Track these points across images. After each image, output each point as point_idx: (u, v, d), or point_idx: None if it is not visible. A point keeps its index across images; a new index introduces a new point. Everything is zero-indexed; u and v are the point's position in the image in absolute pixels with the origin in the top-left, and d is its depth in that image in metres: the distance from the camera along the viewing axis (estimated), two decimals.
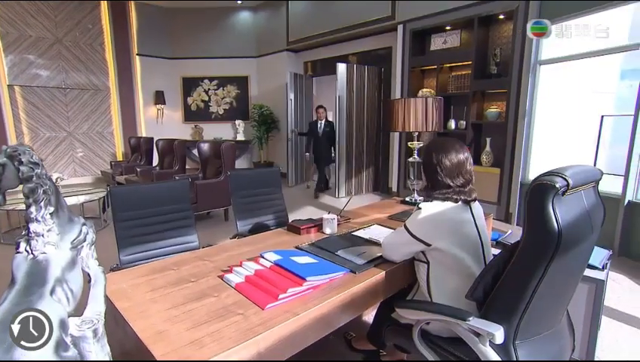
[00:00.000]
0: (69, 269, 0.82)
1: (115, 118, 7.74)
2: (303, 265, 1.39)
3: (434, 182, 1.41)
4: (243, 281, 1.30)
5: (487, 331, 1.12)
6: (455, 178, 1.38)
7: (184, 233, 2.07)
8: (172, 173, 4.89)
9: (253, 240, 1.83)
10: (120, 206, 1.90)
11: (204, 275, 1.38)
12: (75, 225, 0.90)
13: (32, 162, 0.81)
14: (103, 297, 0.91)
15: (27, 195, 0.79)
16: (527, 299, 1.09)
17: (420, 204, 1.41)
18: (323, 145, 6.09)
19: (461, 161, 1.39)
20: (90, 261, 0.93)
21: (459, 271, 1.35)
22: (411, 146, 2.54)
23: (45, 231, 0.79)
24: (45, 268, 0.78)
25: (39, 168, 0.82)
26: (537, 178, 1.06)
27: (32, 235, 0.78)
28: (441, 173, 1.38)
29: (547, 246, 1.03)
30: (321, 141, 6.07)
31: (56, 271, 0.79)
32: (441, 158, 1.38)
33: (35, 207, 0.79)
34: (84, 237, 0.91)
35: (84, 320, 0.80)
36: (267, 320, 1.07)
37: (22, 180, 0.80)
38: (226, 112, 8.37)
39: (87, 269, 0.92)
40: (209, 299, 1.20)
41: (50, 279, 0.77)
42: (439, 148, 1.41)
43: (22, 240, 0.79)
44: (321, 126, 6.04)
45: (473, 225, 1.39)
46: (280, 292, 1.18)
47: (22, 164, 0.80)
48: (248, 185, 2.51)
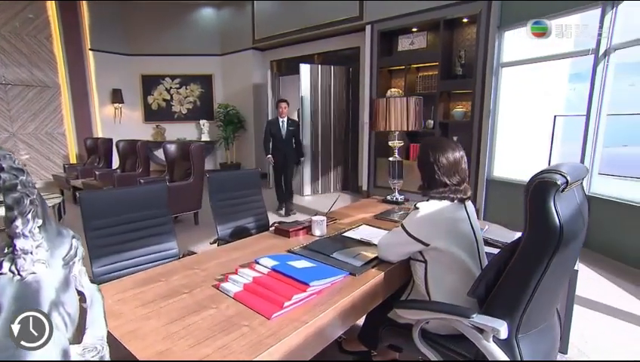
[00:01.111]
0: (64, 290, 0.72)
1: (67, 117, 7.17)
2: (302, 269, 1.34)
3: (431, 181, 1.41)
4: (241, 290, 1.23)
5: (492, 327, 1.14)
6: (452, 176, 1.39)
7: (163, 240, 1.94)
8: (136, 176, 4.61)
9: (242, 245, 1.75)
10: (91, 213, 1.74)
11: (196, 285, 1.30)
12: (64, 238, 0.80)
13: (14, 168, 0.70)
14: (103, 319, 0.81)
15: (11, 207, 0.68)
16: (530, 294, 1.12)
17: (417, 204, 1.41)
18: (287, 148, 4.97)
19: (457, 159, 1.40)
20: (83, 279, 0.82)
21: (457, 270, 1.37)
22: (392, 145, 2.56)
23: (34, 247, 0.69)
24: (37, 290, 0.68)
25: (24, 175, 0.71)
26: (537, 176, 1.09)
27: (18, 253, 0.68)
28: (439, 172, 1.39)
29: (550, 241, 1.06)
30: (284, 143, 4.93)
31: (49, 294, 0.69)
32: (438, 157, 1.39)
33: (22, 220, 0.68)
34: (75, 252, 0.81)
35: (86, 348, 0.71)
36: (276, 330, 1.02)
37: (3, 190, 0.69)
38: (189, 112, 8.05)
39: (80, 288, 0.81)
40: (208, 311, 1.12)
41: (44, 303, 0.67)
42: (436, 147, 1.42)
43: (5, 260, 0.68)
44: (284, 125, 4.89)
45: (468, 223, 1.41)
46: (285, 300, 1.13)
47: (2, 171, 0.69)
48: (228, 188, 2.41)
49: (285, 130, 4.91)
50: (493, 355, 1.18)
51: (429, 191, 1.41)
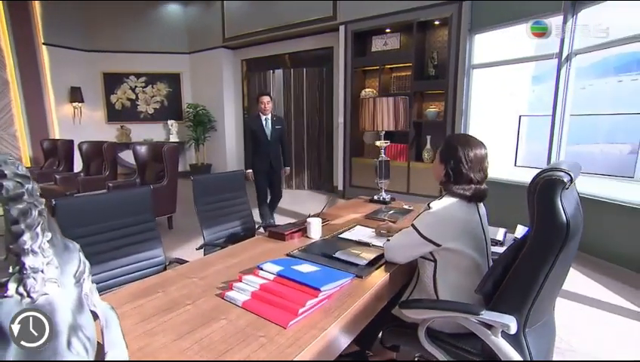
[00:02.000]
0: (79, 311, 0.64)
1: (18, 117, 6.61)
2: (309, 274, 1.30)
3: (457, 176, 1.40)
4: (249, 298, 1.18)
5: (502, 322, 1.16)
6: (477, 172, 1.39)
7: (149, 247, 1.83)
8: (103, 180, 4.34)
9: (236, 251, 1.68)
10: (69, 222, 1.60)
11: (198, 295, 1.22)
12: (72, 253, 0.71)
13: (19, 175, 0.62)
14: (122, 340, 0.73)
15: (16, 220, 0.59)
16: (538, 289, 1.15)
17: (430, 203, 1.41)
18: (273, 152, 3.92)
19: (483, 155, 1.41)
20: (94, 297, 0.74)
21: (467, 269, 1.38)
22: (379, 145, 2.57)
23: (44, 265, 0.61)
24: (51, 314, 0.60)
25: (29, 183, 0.63)
26: (542, 175, 1.12)
27: (27, 272, 0.59)
28: (466, 166, 1.38)
29: (558, 237, 1.09)
30: (270, 146, 3.89)
31: (66, 317, 0.61)
32: (467, 152, 1.38)
33: (30, 235, 0.60)
34: (84, 268, 0.73)
35: None
36: (295, 339, 0.98)
37: (6, 200, 0.60)
38: (156, 112, 7.71)
39: (93, 308, 0.73)
40: (218, 322, 1.06)
41: (62, 328, 0.59)
42: (464, 143, 1.41)
43: (10, 280, 0.60)
44: (268, 123, 3.88)
45: (480, 224, 1.43)
46: (299, 307, 1.09)
47: (4, 178, 0.60)
48: (213, 191, 2.32)
49: (270, 130, 3.89)
50: (502, 351, 1.20)
51: (453, 186, 1.41)
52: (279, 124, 4.00)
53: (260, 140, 3.87)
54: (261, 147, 3.87)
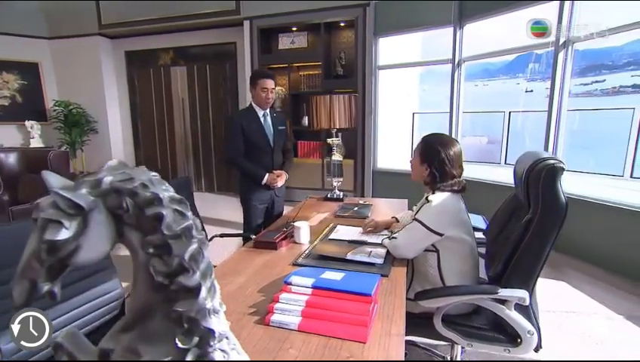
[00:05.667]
0: None
1: None
2: (344, 280, 1.23)
3: (443, 175, 1.50)
4: (301, 319, 1.05)
5: (518, 296, 1.32)
6: (458, 168, 1.51)
7: (102, 279, 1.46)
8: None
9: (231, 269, 1.47)
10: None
11: (240, 328, 1.03)
12: None
13: (175, 200, 0.41)
14: None
15: (186, 268, 0.39)
16: (542, 264, 1.34)
17: (428, 197, 1.48)
18: (277, 169, 2.56)
19: (459, 152, 1.53)
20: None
21: (466, 254, 1.51)
22: (331, 143, 2.57)
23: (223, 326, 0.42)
24: None
25: (188, 210, 0.42)
26: (540, 163, 1.30)
27: (213, 343, 0.40)
28: (449, 165, 1.49)
29: (560, 216, 1.28)
30: (274, 159, 2.57)
31: None
32: (448, 151, 1.49)
33: (206, 288, 0.40)
34: None
35: None
36: (381, 349, 0.92)
37: (168, 238, 0.39)
38: (5, 110, 6.09)
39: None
40: (287, 353, 0.91)
41: None
42: (443, 143, 1.51)
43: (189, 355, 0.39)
44: (268, 121, 2.53)
45: (466, 211, 1.57)
46: (364, 317, 1.02)
47: (162, 206, 0.40)
48: None
49: (273, 132, 2.54)
50: (516, 321, 1.36)
51: (440, 184, 1.50)
52: (282, 123, 2.64)
53: (259, 147, 2.48)
54: (261, 156, 2.49)
